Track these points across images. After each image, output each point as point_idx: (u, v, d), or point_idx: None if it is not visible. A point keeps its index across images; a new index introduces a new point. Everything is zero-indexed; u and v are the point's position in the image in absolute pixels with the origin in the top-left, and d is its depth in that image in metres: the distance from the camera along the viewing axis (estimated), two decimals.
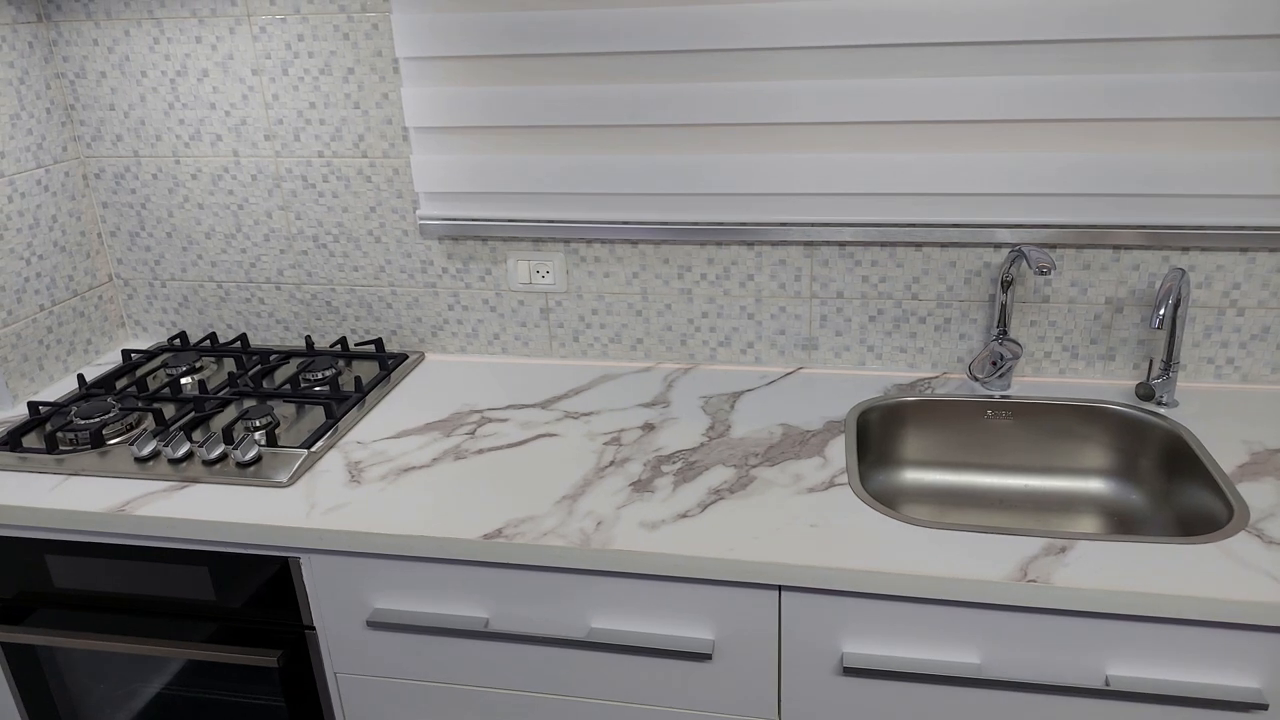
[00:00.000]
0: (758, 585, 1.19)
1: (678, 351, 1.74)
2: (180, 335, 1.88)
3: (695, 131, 1.57)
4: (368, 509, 1.30)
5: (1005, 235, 1.54)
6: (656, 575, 1.22)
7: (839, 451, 1.40)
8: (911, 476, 1.59)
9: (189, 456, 1.43)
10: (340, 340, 1.82)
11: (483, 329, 1.80)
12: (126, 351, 1.80)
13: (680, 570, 1.19)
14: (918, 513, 1.53)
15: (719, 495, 1.30)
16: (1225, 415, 1.47)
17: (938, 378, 1.64)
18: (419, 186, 1.68)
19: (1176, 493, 1.42)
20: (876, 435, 1.56)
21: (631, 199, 1.63)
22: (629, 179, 1.60)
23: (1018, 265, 1.51)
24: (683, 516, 1.26)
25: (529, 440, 1.48)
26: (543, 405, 1.60)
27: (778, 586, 1.19)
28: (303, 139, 1.71)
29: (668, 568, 1.19)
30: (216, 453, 1.41)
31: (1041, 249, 1.47)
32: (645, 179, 1.60)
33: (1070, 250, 1.55)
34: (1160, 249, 1.52)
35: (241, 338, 1.85)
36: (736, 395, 1.60)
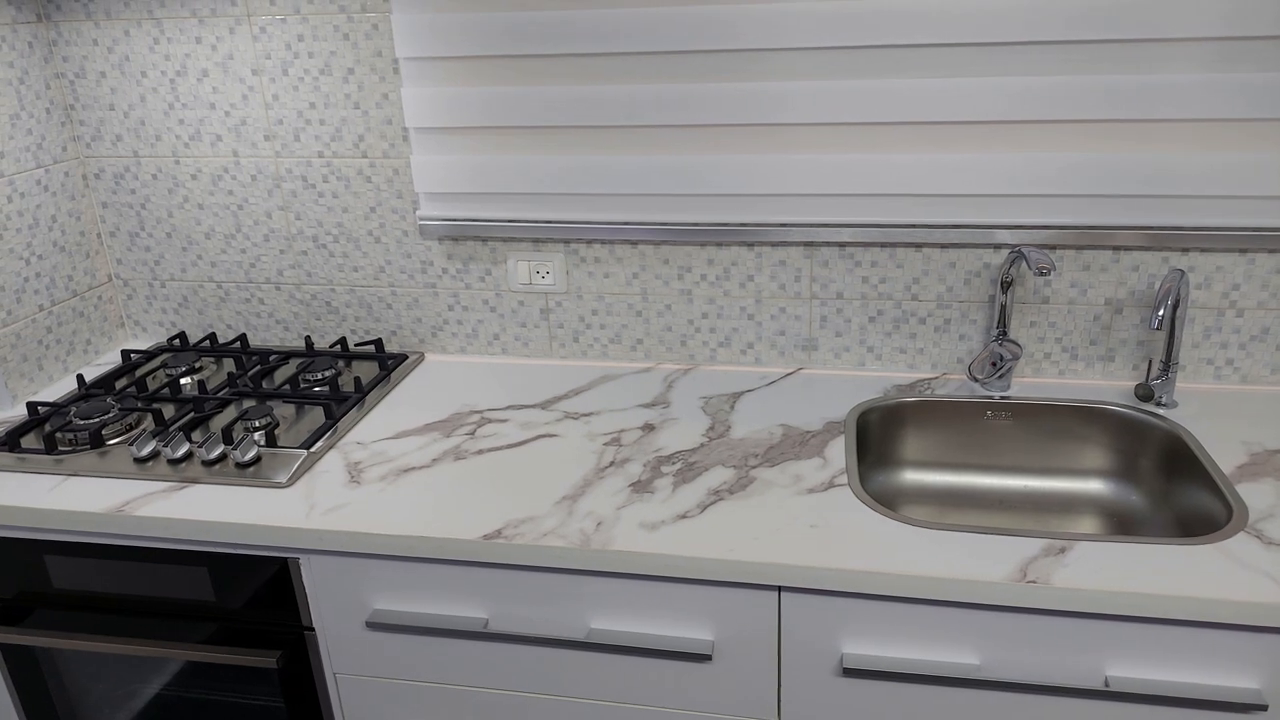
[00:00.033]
0: (757, 586, 1.19)
1: (678, 352, 1.74)
2: (180, 335, 1.88)
3: (695, 132, 1.57)
4: (367, 509, 1.30)
5: (1005, 236, 1.54)
6: (656, 576, 1.22)
7: (839, 452, 1.40)
8: (911, 477, 1.59)
9: (188, 457, 1.43)
10: (340, 340, 1.82)
11: (482, 329, 1.80)
12: (126, 352, 1.80)
13: (680, 571, 1.19)
14: (917, 513, 1.53)
15: (719, 496, 1.30)
16: (1224, 416, 1.48)
17: (937, 378, 1.64)
18: (419, 187, 1.68)
19: (1176, 493, 1.42)
20: (876, 436, 1.56)
21: (631, 199, 1.63)
22: (629, 179, 1.60)
23: (1017, 266, 1.51)
24: (682, 517, 1.26)
25: (529, 441, 1.48)
26: (543, 406, 1.60)
27: (777, 587, 1.19)
28: (303, 139, 1.71)
29: (667, 568, 1.19)
30: (216, 453, 1.41)
31: (1041, 250, 1.47)
32: (645, 180, 1.60)
33: (1070, 251, 1.55)
34: (1160, 250, 1.52)
35: (241, 338, 1.85)
36: (736, 396, 1.60)
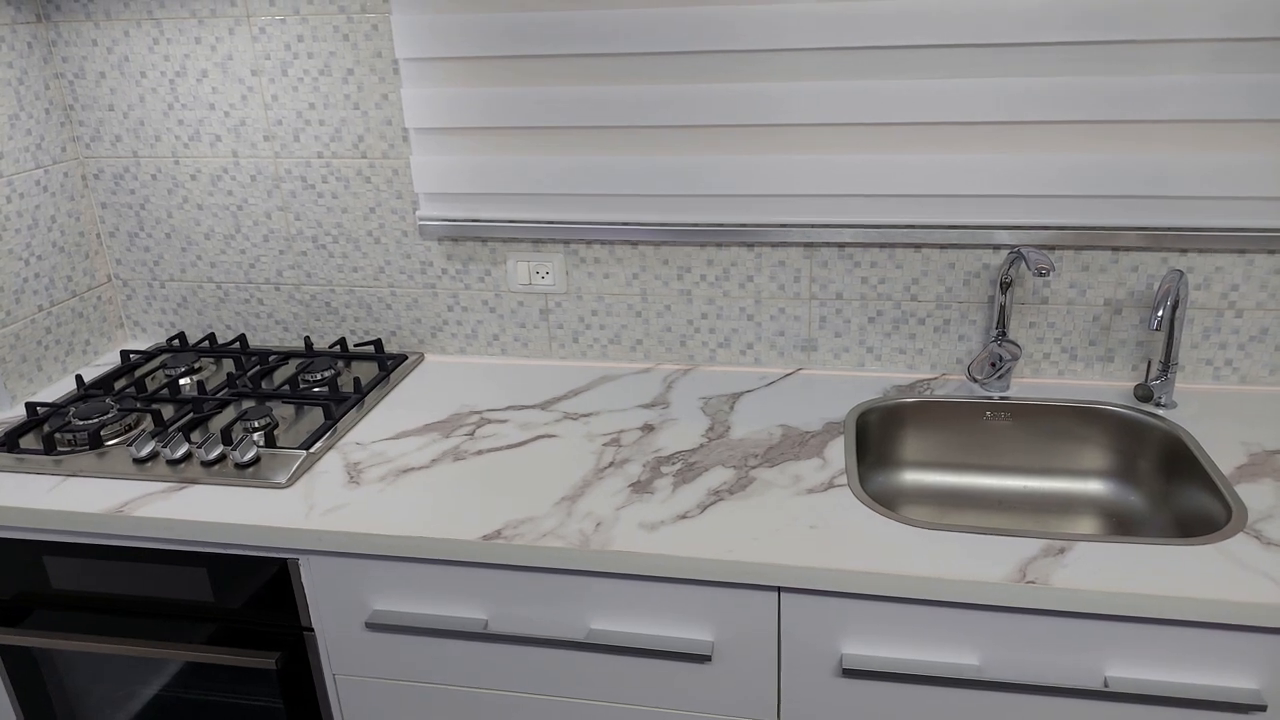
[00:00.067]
0: (757, 586, 1.19)
1: (677, 352, 1.74)
2: (179, 336, 1.88)
3: (695, 133, 1.57)
4: (367, 510, 1.30)
5: (1004, 237, 1.54)
6: (656, 576, 1.22)
7: (838, 453, 1.40)
8: (911, 478, 1.59)
9: (187, 457, 1.43)
10: (339, 341, 1.82)
11: (482, 330, 1.80)
12: (125, 352, 1.80)
13: (679, 571, 1.19)
14: (917, 514, 1.53)
15: (718, 496, 1.30)
16: (1223, 417, 1.48)
17: (937, 379, 1.64)
18: (418, 187, 1.68)
19: (1175, 494, 1.42)
20: (876, 436, 1.56)
21: (631, 200, 1.63)
22: (629, 180, 1.60)
23: (1016, 267, 1.52)
24: (682, 517, 1.26)
25: (528, 441, 1.48)
26: (542, 406, 1.60)
27: (777, 588, 1.19)
28: (302, 140, 1.71)
29: (667, 569, 1.19)
30: (215, 454, 1.41)
31: (1040, 250, 1.47)
32: (645, 180, 1.60)
33: (1069, 252, 1.55)
34: (1159, 250, 1.52)
35: (240, 338, 1.85)
36: (736, 396, 1.60)
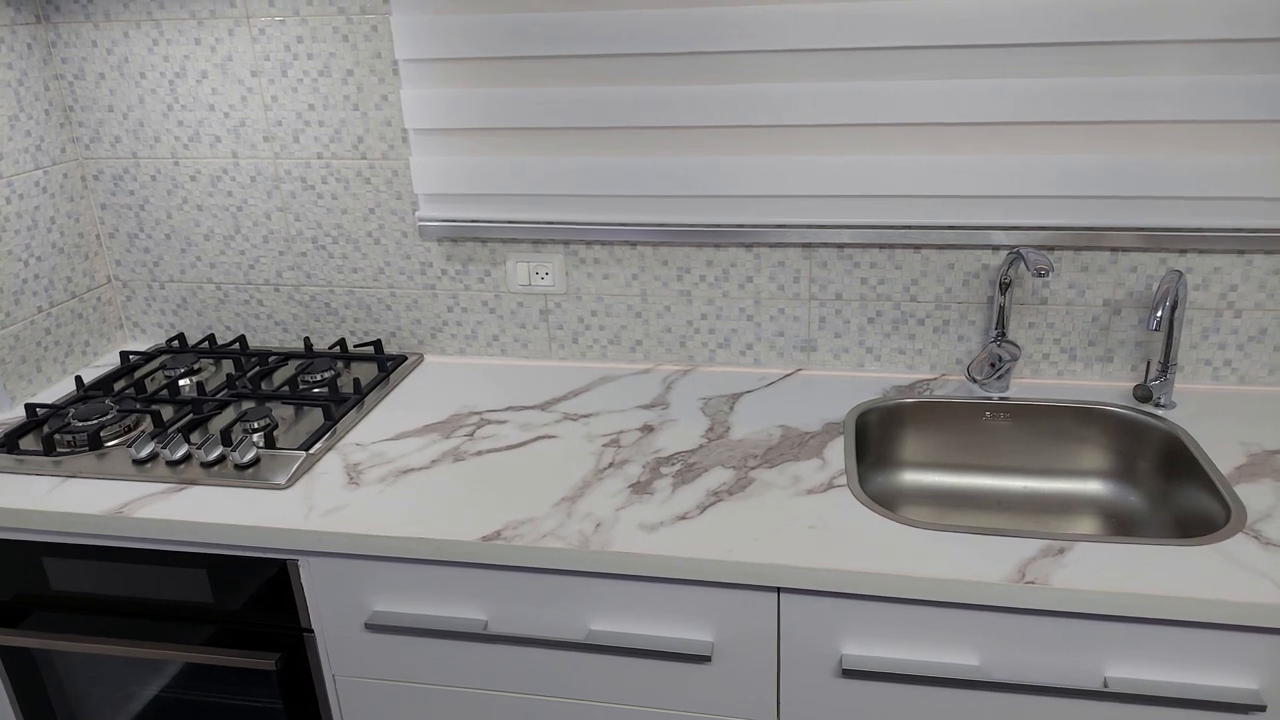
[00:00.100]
0: (757, 587, 1.19)
1: (677, 353, 1.74)
2: (179, 337, 1.88)
3: (694, 134, 1.57)
4: (366, 511, 1.30)
5: (1003, 237, 1.54)
6: (655, 577, 1.22)
7: (838, 453, 1.40)
8: (910, 478, 1.59)
9: (187, 458, 1.43)
10: (339, 342, 1.82)
11: (482, 330, 1.80)
12: (125, 353, 1.80)
13: (679, 572, 1.19)
14: (916, 514, 1.53)
15: (718, 497, 1.30)
16: (1223, 417, 1.48)
17: (936, 379, 1.64)
18: (418, 188, 1.68)
19: (1174, 494, 1.42)
20: (875, 437, 1.56)
21: (631, 201, 1.63)
22: (628, 181, 1.61)
23: (1016, 267, 1.52)
24: (682, 518, 1.26)
25: (528, 442, 1.48)
26: (542, 407, 1.60)
27: (776, 588, 1.19)
28: (302, 141, 1.71)
29: (667, 569, 1.19)
30: (215, 455, 1.41)
31: (1039, 251, 1.47)
32: (644, 181, 1.60)
33: (1068, 252, 1.55)
34: (1157, 251, 1.52)
35: (240, 339, 1.85)
36: (735, 397, 1.60)
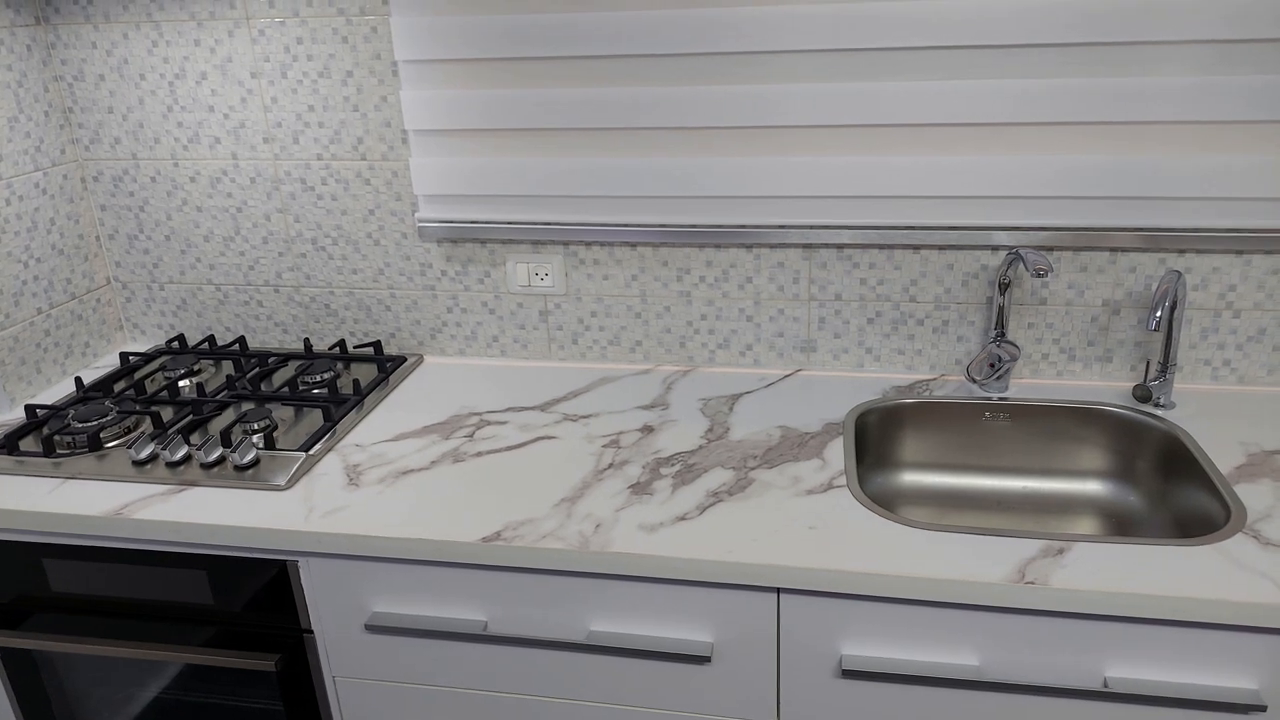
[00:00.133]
0: (756, 587, 1.19)
1: (677, 354, 1.75)
2: (178, 338, 1.88)
3: (694, 134, 1.57)
4: (366, 512, 1.30)
5: (1002, 238, 1.54)
6: (655, 578, 1.22)
7: (837, 454, 1.40)
8: (910, 479, 1.59)
9: (187, 459, 1.43)
10: (339, 343, 1.82)
11: (481, 331, 1.80)
12: (124, 354, 1.80)
13: (679, 573, 1.19)
14: (916, 515, 1.53)
15: (718, 497, 1.30)
16: (1222, 417, 1.48)
17: (935, 380, 1.64)
18: (418, 189, 1.68)
19: (1174, 494, 1.42)
20: (875, 437, 1.56)
21: (630, 201, 1.63)
22: (628, 182, 1.61)
23: (1015, 267, 1.52)
24: (681, 519, 1.26)
25: (528, 443, 1.48)
26: (541, 408, 1.60)
27: (776, 589, 1.19)
28: (301, 142, 1.71)
29: (666, 570, 1.19)
30: (214, 456, 1.41)
31: (1038, 251, 1.47)
32: (644, 182, 1.60)
33: (1067, 253, 1.55)
34: (1157, 251, 1.52)
35: (240, 340, 1.85)
36: (735, 397, 1.61)
